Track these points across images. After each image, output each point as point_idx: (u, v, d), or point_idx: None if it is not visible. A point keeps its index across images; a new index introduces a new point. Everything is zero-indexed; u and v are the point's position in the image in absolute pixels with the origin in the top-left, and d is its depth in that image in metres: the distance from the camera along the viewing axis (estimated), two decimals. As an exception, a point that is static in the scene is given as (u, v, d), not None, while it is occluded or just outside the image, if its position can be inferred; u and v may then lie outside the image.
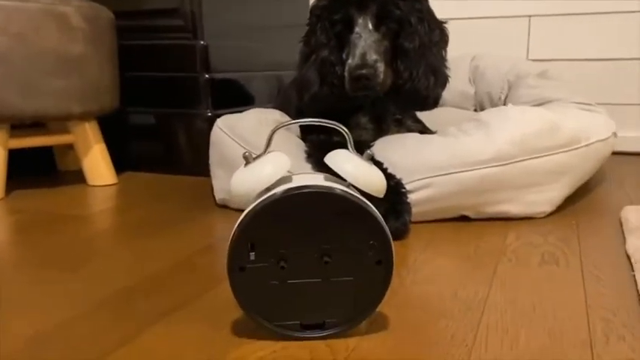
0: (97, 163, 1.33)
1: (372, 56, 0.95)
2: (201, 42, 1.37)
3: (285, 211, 0.54)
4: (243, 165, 0.57)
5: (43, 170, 1.50)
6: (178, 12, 1.38)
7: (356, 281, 0.56)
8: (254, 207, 0.54)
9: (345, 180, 0.56)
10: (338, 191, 0.54)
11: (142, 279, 0.75)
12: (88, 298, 0.69)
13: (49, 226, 1.01)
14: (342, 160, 0.56)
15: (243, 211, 0.56)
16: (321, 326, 0.57)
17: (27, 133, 1.29)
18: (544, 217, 0.99)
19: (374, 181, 0.56)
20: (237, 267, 0.55)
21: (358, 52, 0.95)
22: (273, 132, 0.57)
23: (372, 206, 0.55)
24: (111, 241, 0.95)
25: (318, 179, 0.56)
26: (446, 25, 1.07)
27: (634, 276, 0.71)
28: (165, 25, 1.41)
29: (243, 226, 0.54)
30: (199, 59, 1.37)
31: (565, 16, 1.65)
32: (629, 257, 0.78)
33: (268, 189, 0.55)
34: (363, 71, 0.94)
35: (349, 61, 0.96)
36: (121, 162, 1.42)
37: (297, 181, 0.55)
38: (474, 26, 1.75)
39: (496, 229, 0.94)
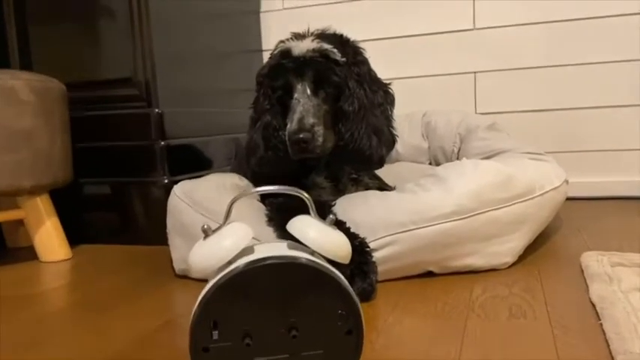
0: (49, 239, 1.28)
1: (310, 120, 0.97)
2: (156, 110, 1.36)
3: (248, 285, 0.52)
4: (202, 239, 0.56)
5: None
6: (132, 81, 1.38)
7: (326, 354, 0.54)
8: (215, 282, 0.52)
9: (308, 247, 0.55)
10: (303, 260, 0.53)
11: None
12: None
13: (0, 308, 0.95)
14: (304, 226, 0.55)
15: (204, 281, 0.54)
16: None
17: (-26, 211, 1.24)
18: (507, 268, 1.00)
19: (339, 248, 0.55)
20: (200, 347, 0.52)
21: (296, 116, 0.97)
22: (232, 203, 0.56)
23: (339, 273, 0.54)
24: (66, 321, 0.90)
25: (282, 248, 0.55)
26: (390, 87, 1.10)
27: (601, 325, 0.71)
28: (119, 95, 1.40)
29: (205, 304, 0.52)
30: (154, 127, 1.36)
31: (507, 71, 1.73)
32: (593, 305, 0.78)
33: (230, 262, 0.54)
34: (301, 135, 0.95)
35: (288, 125, 0.98)
36: (75, 235, 1.37)
37: (260, 252, 0.53)
38: (424, 84, 1.81)
39: (462, 282, 0.94)
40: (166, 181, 1.36)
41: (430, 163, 1.62)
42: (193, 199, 1.07)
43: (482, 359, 0.65)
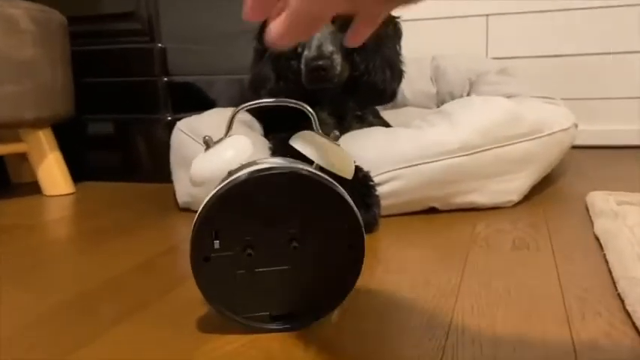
0: (52, 173, 1.27)
1: (329, 47, 0.94)
2: (159, 45, 1.33)
3: (250, 195, 0.51)
4: (203, 150, 0.55)
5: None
6: (135, 15, 1.35)
7: (326, 268, 0.54)
8: (217, 192, 0.51)
9: (311, 163, 0.54)
10: (306, 172, 0.51)
11: (101, 283, 0.71)
12: (44, 303, 0.64)
13: (1, 237, 0.96)
14: (307, 140, 0.54)
15: None
16: (291, 317, 0.54)
17: (-24, 144, 1.23)
18: (512, 207, 0.99)
19: (342, 161, 0.54)
20: (200, 257, 0.51)
21: (314, 43, 0.94)
22: (234, 114, 0.54)
23: (341, 188, 0.53)
24: (68, 249, 0.91)
25: (285, 161, 0.53)
26: (399, 20, 1.07)
27: (604, 255, 0.70)
28: (121, 29, 1.37)
29: (206, 213, 0.51)
30: (157, 62, 1.33)
31: (521, 14, 1.68)
32: (597, 239, 0.77)
33: (230, 173, 0.53)
34: (320, 62, 0.93)
35: (305, 52, 0.95)
36: (78, 171, 1.36)
37: (262, 164, 0.52)
38: (433, 27, 1.76)
39: (465, 219, 0.93)
40: (169, 118, 1.34)
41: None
42: (197, 133, 1.06)
43: (483, 285, 0.64)
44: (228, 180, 0.51)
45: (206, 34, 1.53)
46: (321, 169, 0.54)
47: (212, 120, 1.09)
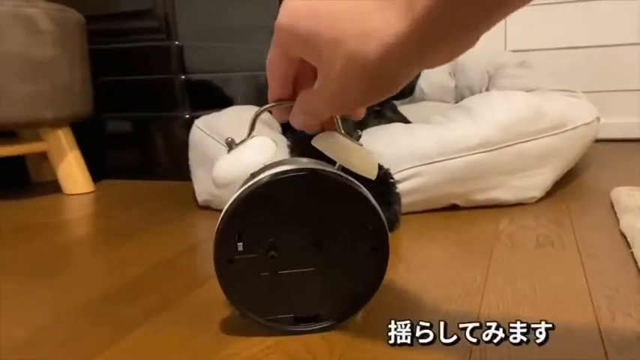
0: (72, 171, 1.28)
1: None
2: (176, 42, 1.34)
3: (273, 197, 0.50)
4: (226, 152, 0.54)
5: (15, 182, 1.45)
6: (151, 13, 1.35)
7: (351, 269, 0.53)
8: (240, 194, 0.50)
9: (334, 163, 0.53)
10: (328, 173, 0.51)
11: (124, 282, 0.71)
12: (68, 302, 0.65)
13: (21, 235, 0.96)
14: (330, 140, 0.53)
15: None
16: (315, 319, 0.54)
17: (-3, 143, 1.25)
18: (534, 203, 0.98)
19: (365, 162, 0.53)
20: (224, 259, 0.51)
21: None
22: (257, 115, 0.53)
23: (365, 189, 0.52)
24: (89, 247, 0.91)
25: (307, 163, 0.53)
26: None
27: (632, 253, 0.69)
28: (138, 28, 1.37)
29: (229, 215, 0.50)
30: (175, 60, 1.34)
31: (540, 5, 1.65)
32: (624, 236, 0.76)
33: (253, 175, 0.52)
34: None
35: None
36: (97, 170, 1.37)
37: (285, 165, 0.52)
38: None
39: (487, 215, 0.92)
40: (187, 116, 1.34)
41: (457, 103, 1.57)
42: (215, 131, 1.06)
43: (509, 283, 0.63)
44: (251, 182, 0.51)
45: (222, 30, 1.53)
46: (344, 169, 0.53)
47: (230, 118, 1.09)
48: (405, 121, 1.11)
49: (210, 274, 0.52)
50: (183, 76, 1.34)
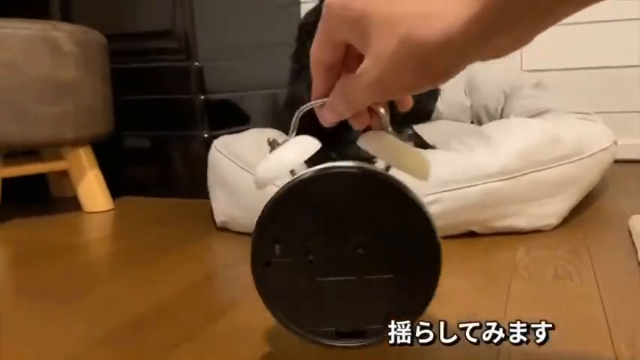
0: (92, 189, 1.30)
1: None
2: (196, 63, 1.36)
3: (313, 196, 0.46)
4: (268, 152, 0.49)
5: (37, 197, 1.47)
6: (172, 34, 1.37)
7: (396, 281, 0.48)
8: (278, 192, 0.47)
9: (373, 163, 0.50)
10: (376, 172, 0.47)
11: (146, 310, 0.72)
12: (90, 331, 0.66)
13: (45, 256, 0.98)
14: (379, 140, 0.48)
15: (245, 234, 0.51)
16: (360, 334, 0.49)
17: (20, 161, 1.27)
18: (551, 230, 0.98)
19: (416, 162, 0.48)
20: (261, 262, 0.48)
21: None
22: (300, 113, 0.48)
23: (415, 193, 0.48)
24: (110, 270, 0.93)
25: (350, 162, 0.48)
26: None
27: (651, 288, 0.69)
28: (158, 48, 1.39)
29: (267, 215, 0.47)
30: (194, 81, 1.36)
31: (557, 26, 1.65)
32: (643, 268, 0.76)
33: (293, 173, 0.48)
34: None
35: None
36: (116, 187, 1.39)
37: (328, 164, 0.47)
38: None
39: (505, 243, 0.92)
40: (206, 135, 1.36)
41: (472, 122, 1.58)
42: (233, 153, 1.07)
43: (528, 319, 0.64)
44: (288, 180, 0.47)
45: (241, 49, 1.55)
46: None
47: (249, 140, 1.11)
48: (425, 143, 1.12)
49: (229, 304, 0.52)
50: (202, 97, 1.36)
